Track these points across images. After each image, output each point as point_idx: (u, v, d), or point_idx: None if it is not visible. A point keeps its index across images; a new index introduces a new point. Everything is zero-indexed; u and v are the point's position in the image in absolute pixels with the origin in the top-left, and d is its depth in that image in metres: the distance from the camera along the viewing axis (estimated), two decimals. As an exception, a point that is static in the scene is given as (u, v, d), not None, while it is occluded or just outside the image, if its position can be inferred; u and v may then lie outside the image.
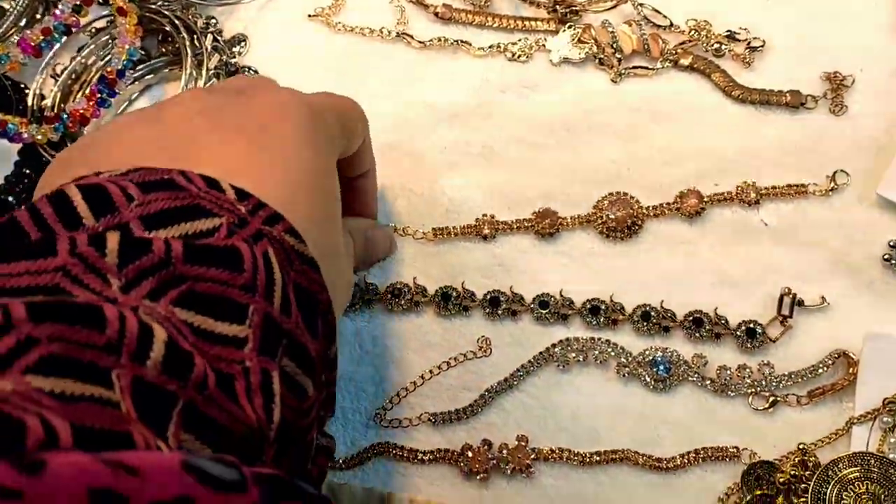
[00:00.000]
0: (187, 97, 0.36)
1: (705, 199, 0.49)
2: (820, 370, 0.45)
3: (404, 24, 0.57)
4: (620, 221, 0.49)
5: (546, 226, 0.50)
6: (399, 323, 0.49)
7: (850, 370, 0.45)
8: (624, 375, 0.46)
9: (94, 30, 0.59)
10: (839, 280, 0.47)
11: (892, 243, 0.47)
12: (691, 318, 0.47)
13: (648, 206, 0.50)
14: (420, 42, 0.56)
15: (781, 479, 0.42)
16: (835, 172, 0.49)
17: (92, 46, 0.58)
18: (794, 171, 0.50)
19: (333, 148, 0.37)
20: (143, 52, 0.58)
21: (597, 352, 0.47)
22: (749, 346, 0.46)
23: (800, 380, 0.45)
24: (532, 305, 0.48)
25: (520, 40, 0.55)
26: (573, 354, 0.47)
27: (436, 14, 0.57)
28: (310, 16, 0.58)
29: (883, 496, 0.41)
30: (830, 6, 0.54)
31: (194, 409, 0.24)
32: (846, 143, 0.50)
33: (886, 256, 0.47)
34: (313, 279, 0.30)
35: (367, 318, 0.49)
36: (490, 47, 0.55)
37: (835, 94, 0.51)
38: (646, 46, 0.54)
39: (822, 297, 0.47)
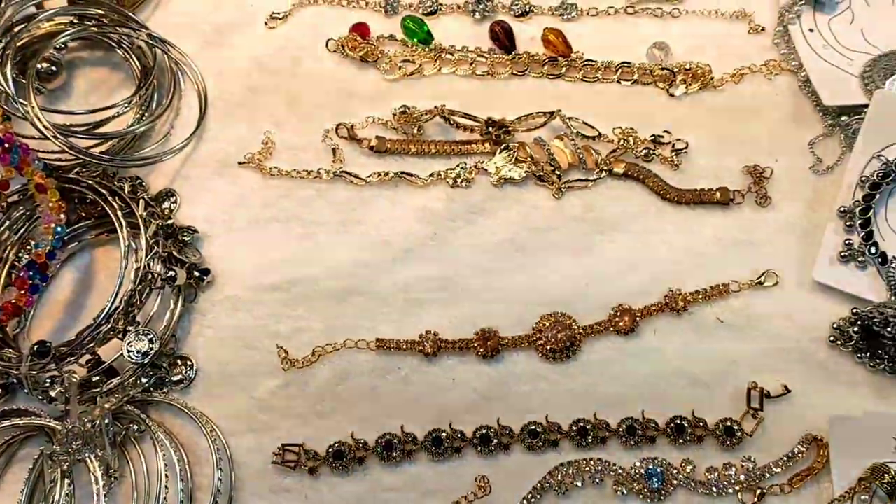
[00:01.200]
0: None
1: (637, 314, 0.52)
2: (796, 457, 0.49)
3: (341, 161, 0.56)
4: (561, 342, 0.51)
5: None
6: (396, 475, 0.49)
7: (822, 452, 0.48)
8: (621, 494, 0.48)
9: (5, 204, 0.55)
10: (794, 366, 0.51)
11: (834, 325, 0.51)
12: (673, 424, 0.50)
13: (584, 326, 0.52)
14: (361, 179, 0.55)
15: (784, 571, 0.46)
16: (764, 272, 0.53)
17: (7, 222, 0.55)
18: (736, 265, 0.53)
19: None
20: (65, 222, 0.54)
21: (591, 472, 0.49)
22: (729, 443, 0.49)
23: (779, 469, 0.49)
24: (522, 436, 0.50)
25: (458, 165, 0.56)
26: (570, 479, 0.48)
27: (370, 148, 0.57)
28: (240, 163, 0.56)
29: (876, 574, 0.45)
30: (737, 103, 0.58)
31: None
32: (776, 232, 0.54)
33: (832, 338, 0.51)
34: None
35: (363, 475, 0.49)
36: (430, 176, 0.56)
37: (758, 186, 0.55)
38: (581, 159, 0.56)
39: (785, 387, 0.50)
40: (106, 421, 0.48)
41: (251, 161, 0.56)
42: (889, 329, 0.49)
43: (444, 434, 0.50)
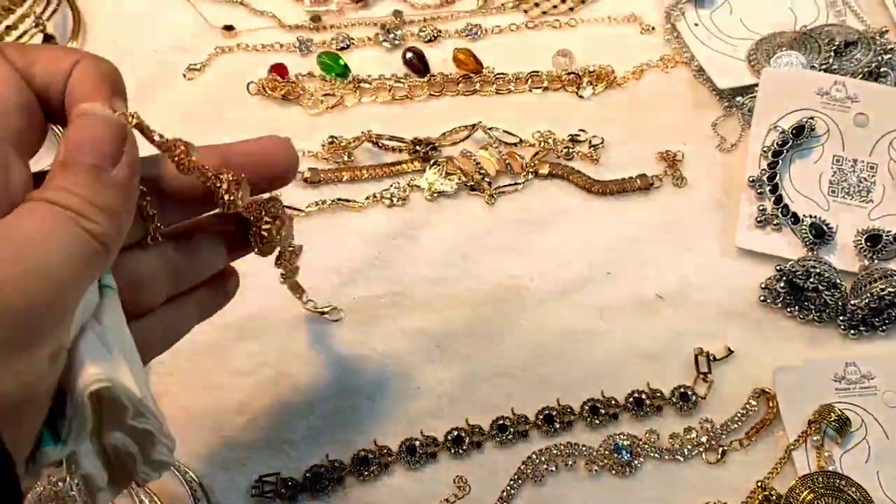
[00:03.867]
0: None
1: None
2: (749, 412, 0.52)
3: (277, 196, 0.57)
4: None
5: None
6: (376, 489, 0.50)
7: (771, 404, 0.52)
8: (594, 471, 0.50)
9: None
10: (732, 328, 0.54)
11: (762, 285, 0.55)
12: (632, 399, 0.52)
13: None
14: (300, 210, 0.57)
15: (756, 518, 0.48)
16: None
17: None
18: (666, 243, 0.57)
19: None
20: None
21: (563, 456, 0.50)
22: (686, 408, 0.52)
23: (736, 425, 0.51)
24: (492, 432, 0.51)
25: (392, 186, 0.58)
26: (544, 466, 0.50)
27: (305, 180, 0.58)
28: (177, 210, 0.57)
29: (839, 504, 0.48)
30: (642, 97, 0.63)
31: None
32: (697, 209, 0.58)
33: (762, 297, 0.55)
34: None
35: (343, 494, 0.49)
36: (367, 199, 0.58)
37: (673, 169, 0.59)
38: (507, 164, 0.59)
39: (728, 348, 0.53)
40: (76, 481, 0.47)
41: (188, 207, 0.57)
42: (811, 280, 0.53)
43: (417, 442, 0.51)
